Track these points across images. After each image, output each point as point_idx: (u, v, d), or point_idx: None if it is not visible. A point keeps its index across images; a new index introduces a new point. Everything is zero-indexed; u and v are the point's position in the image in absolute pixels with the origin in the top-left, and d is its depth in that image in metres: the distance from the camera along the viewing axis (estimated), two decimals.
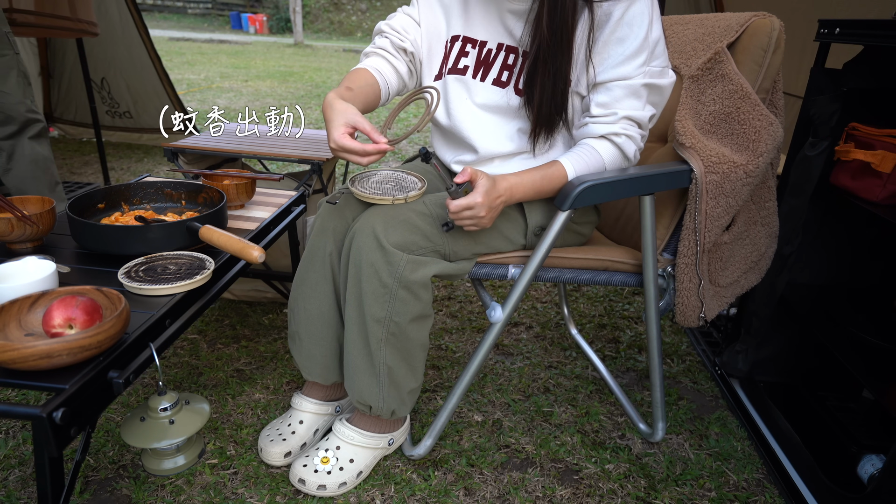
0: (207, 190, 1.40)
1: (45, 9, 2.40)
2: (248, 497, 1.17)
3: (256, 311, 1.88)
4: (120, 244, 1.15)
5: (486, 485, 1.23)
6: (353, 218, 1.17)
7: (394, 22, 1.24)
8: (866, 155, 1.21)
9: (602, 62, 1.08)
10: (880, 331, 1.29)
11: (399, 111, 1.17)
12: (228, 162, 2.13)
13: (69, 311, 0.87)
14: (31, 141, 1.99)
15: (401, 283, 1.07)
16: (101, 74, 3.58)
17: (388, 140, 1.04)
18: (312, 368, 1.25)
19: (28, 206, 1.22)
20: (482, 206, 1.04)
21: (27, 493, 1.15)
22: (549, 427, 1.42)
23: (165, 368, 1.56)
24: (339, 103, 1.05)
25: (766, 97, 1.18)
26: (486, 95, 1.19)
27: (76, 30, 2.58)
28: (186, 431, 1.12)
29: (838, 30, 1.25)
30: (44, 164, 2.03)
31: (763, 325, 1.46)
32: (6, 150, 1.95)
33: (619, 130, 1.10)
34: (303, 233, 1.74)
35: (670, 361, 1.72)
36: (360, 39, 15.27)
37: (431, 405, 1.48)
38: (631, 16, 1.05)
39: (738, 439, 1.40)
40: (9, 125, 1.93)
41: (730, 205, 1.15)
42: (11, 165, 1.98)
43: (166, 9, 17.06)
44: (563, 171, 1.11)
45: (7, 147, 1.95)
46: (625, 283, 1.23)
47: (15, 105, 1.92)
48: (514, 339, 1.80)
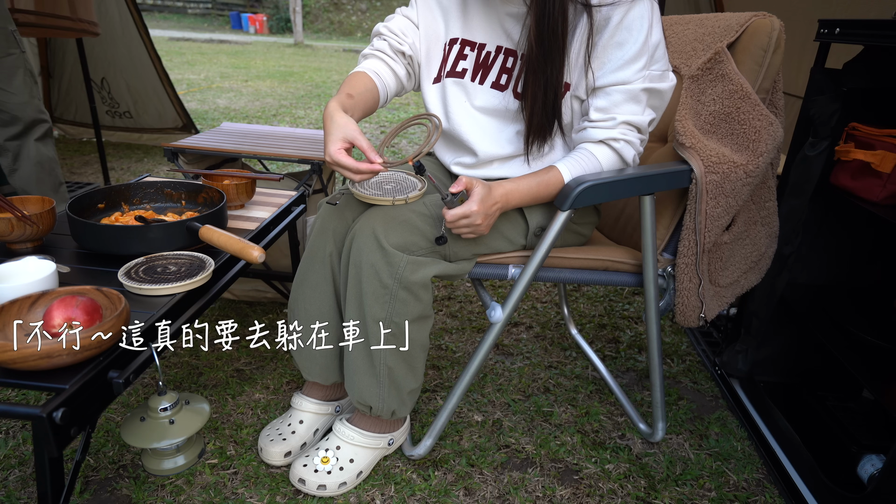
0: (207, 190, 1.40)
1: (46, 9, 2.40)
2: (248, 497, 1.17)
3: (256, 311, 1.88)
4: (120, 244, 1.15)
5: (486, 485, 1.23)
6: (354, 219, 1.17)
7: (392, 24, 1.24)
8: (866, 155, 1.21)
9: (601, 66, 1.08)
10: (880, 331, 1.29)
11: (398, 132, 1.18)
12: (228, 162, 2.13)
13: (69, 311, 0.87)
14: (37, 143, 1.98)
15: (401, 283, 1.07)
16: (101, 74, 3.58)
17: (383, 161, 1.05)
18: (312, 368, 1.25)
19: (28, 206, 1.22)
20: (478, 214, 1.04)
21: (27, 493, 1.15)
22: (549, 427, 1.42)
23: (165, 368, 1.56)
24: (340, 116, 1.05)
25: (766, 97, 1.18)
26: (485, 98, 1.19)
27: (76, 30, 2.58)
28: (186, 431, 1.12)
29: (838, 30, 1.25)
30: (49, 166, 2.03)
31: (763, 325, 1.46)
32: (12, 151, 1.95)
33: (618, 135, 1.10)
34: (303, 233, 1.74)
35: (670, 361, 1.72)
36: (360, 39, 15.27)
37: (431, 405, 1.48)
38: (630, 20, 1.05)
39: (738, 439, 1.40)
40: (14, 125, 1.92)
41: (730, 205, 1.15)
42: (18, 166, 1.98)
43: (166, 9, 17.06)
44: (560, 177, 1.11)
45: (13, 148, 1.94)
46: (625, 283, 1.23)
47: (22, 105, 1.91)
48: (514, 339, 1.80)
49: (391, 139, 1.21)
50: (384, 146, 1.20)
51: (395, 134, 1.19)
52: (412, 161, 1.04)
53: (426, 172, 1.05)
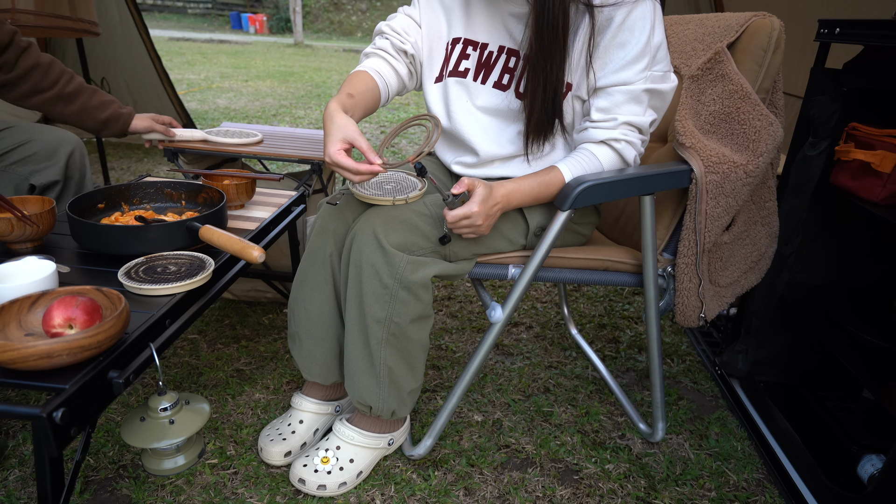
0: (207, 190, 1.40)
1: (46, 9, 2.40)
2: (248, 497, 1.17)
3: (256, 311, 1.88)
4: (120, 244, 1.15)
5: (486, 485, 1.23)
6: (354, 219, 1.17)
7: (394, 23, 1.24)
8: (866, 155, 1.21)
9: (603, 67, 1.08)
10: (880, 331, 1.29)
11: (398, 132, 1.18)
12: (228, 162, 2.13)
13: (69, 311, 0.87)
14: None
15: (401, 283, 1.07)
16: (101, 74, 3.58)
17: (383, 162, 1.05)
18: (312, 368, 1.25)
19: (28, 206, 1.23)
20: (479, 215, 1.04)
21: (27, 493, 1.15)
22: (549, 427, 1.42)
23: (165, 368, 1.56)
24: (340, 117, 1.05)
25: (766, 97, 1.18)
26: (487, 98, 1.19)
27: (77, 30, 2.58)
28: (186, 431, 1.12)
29: (838, 30, 1.25)
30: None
31: (763, 325, 1.46)
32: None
33: (619, 136, 1.10)
34: (303, 233, 1.74)
35: (670, 361, 1.72)
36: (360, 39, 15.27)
37: (431, 405, 1.48)
38: (632, 20, 1.05)
39: (738, 439, 1.40)
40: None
41: (730, 205, 1.15)
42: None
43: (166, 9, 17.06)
44: (561, 178, 1.11)
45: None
46: (625, 283, 1.23)
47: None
48: (514, 339, 1.81)
49: (391, 140, 1.21)
50: (384, 147, 1.20)
51: (395, 134, 1.20)
52: (413, 162, 1.04)
53: (427, 174, 1.05)
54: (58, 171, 1.56)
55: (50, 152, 1.56)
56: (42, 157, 1.55)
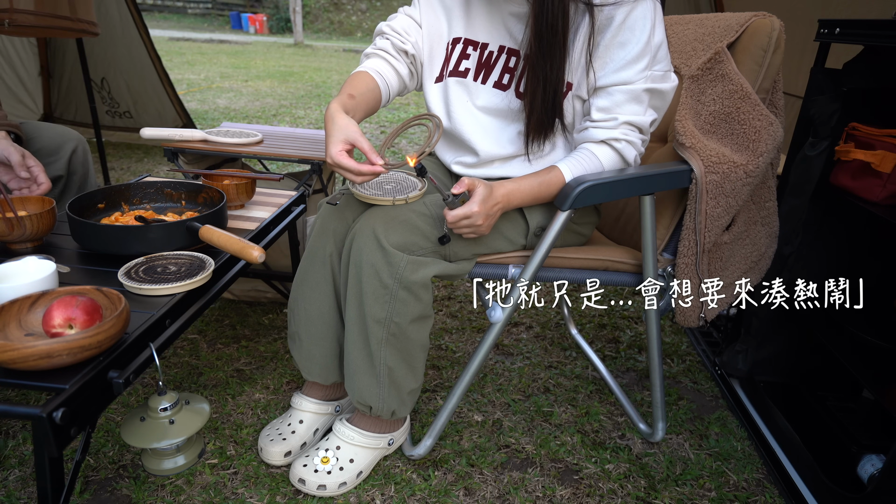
0: (207, 190, 1.40)
1: (45, 9, 2.39)
2: (248, 497, 1.17)
3: (256, 311, 1.88)
4: (120, 244, 1.15)
5: (486, 485, 1.23)
6: (354, 219, 1.17)
7: (395, 23, 1.24)
8: (866, 155, 1.21)
9: (603, 66, 1.08)
10: (880, 331, 1.29)
11: (399, 132, 1.18)
12: (228, 162, 2.13)
13: (69, 311, 0.87)
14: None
15: (401, 283, 1.07)
16: (101, 74, 3.58)
17: (384, 162, 1.05)
18: (312, 368, 1.25)
19: (28, 206, 1.22)
20: (479, 215, 1.04)
21: (27, 493, 1.15)
22: (549, 427, 1.42)
23: (165, 368, 1.56)
24: (341, 118, 1.05)
25: (766, 97, 1.18)
26: (487, 98, 1.19)
27: (76, 30, 2.58)
28: (186, 431, 1.12)
29: (838, 30, 1.25)
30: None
31: (763, 325, 1.46)
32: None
33: (620, 136, 1.10)
34: (303, 233, 1.74)
35: (670, 361, 1.72)
36: (360, 39, 15.26)
37: (431, 405, 1.48)
38: (633, 20, 1.05)
39: (738, 439, 1.40)
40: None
41: (730, 205, 1.15)
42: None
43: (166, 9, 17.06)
44: (562, 177, 1.11)
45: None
46: (625, 283, 1.23)
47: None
48: (514, 339, 1.80)
49: (392, 140, 1.21)
50: (385, 147, 1.20)
51: (395, 135, 1.20)
52: (413, 162, 1.04)
53: (428, 175, 1.05)
54: (61, 166, 1.56)
55: (53, 148, 1.56)
56: (45, 154, 1.55)
